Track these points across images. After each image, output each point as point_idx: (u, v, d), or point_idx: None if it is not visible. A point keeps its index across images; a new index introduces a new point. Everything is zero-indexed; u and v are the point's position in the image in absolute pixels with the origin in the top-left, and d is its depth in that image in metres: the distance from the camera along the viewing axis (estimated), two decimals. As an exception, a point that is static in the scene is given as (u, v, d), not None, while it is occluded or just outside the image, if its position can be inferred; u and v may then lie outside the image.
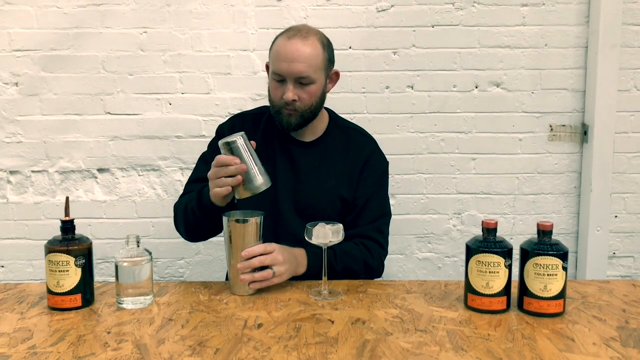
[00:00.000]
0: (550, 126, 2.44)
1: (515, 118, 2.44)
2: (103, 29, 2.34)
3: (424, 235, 2.49)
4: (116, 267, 1.32)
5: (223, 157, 1.39)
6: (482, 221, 1.32)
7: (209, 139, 1.71)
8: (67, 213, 1.35)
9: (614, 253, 2.50)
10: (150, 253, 1.35)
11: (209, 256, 2.47)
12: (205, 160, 1.68)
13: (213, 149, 1.65)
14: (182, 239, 2.45)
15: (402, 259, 2.50)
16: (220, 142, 1.41)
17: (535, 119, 2.44)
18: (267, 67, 1.65)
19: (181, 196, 1.73)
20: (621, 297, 1.41)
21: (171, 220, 2.48)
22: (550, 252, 1.26)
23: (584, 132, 2.42)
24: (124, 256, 1.31)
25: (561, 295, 1.27)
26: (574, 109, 2.44)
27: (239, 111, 2.36)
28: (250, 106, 2.35)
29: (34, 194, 2.42)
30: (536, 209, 2.48)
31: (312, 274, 1.49)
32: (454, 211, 2.48)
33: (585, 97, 2.42)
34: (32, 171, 2.40)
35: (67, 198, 1.37)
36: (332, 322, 1.24)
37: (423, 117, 2.43)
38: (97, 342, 1.14)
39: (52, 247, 1.31)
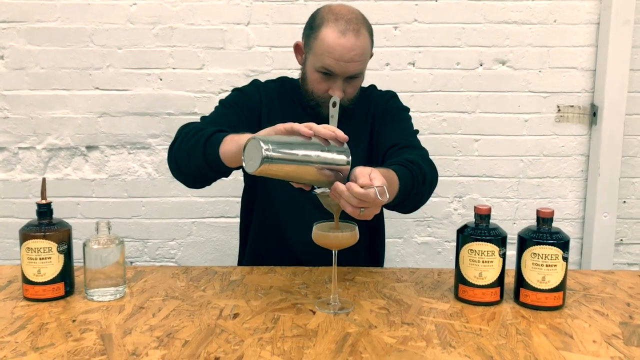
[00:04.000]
0: (558, 107, 2.33)
1: (521, 98, 2.33)
2: (91, 0, 2.24)
3: (423, 219, 2.41)
4: (84, 254, 1.23)
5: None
6: (475, 207, 1.24)
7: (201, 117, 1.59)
8: (43, 195, 1.26)
9: (622, 240, 2.41)
10: (122, 241, 1.25)
11: (201, 237, 2.40)
12: (226, 106, 1.51)
13: (230, 103, 1.52)
14: (174, 220, 2.41)
15: (400, 243, 2.42)
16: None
17: (542, 99, 2.33)
18: (298, 47, 1.50)
19: (190, 124, 1.41)
20: (626, 289, 1.32)
21: (163, 200, 2.44)
22: (550, 242, 1.17)
23: (593, 114, 2.31)
24: (93, 243, 1.23)
25: (560, 287, 1.18)
26: (583, 88, 2.32)
27: (233, 87, 2.27)
28: (244, 83, 2.25)
29: (21, 172, 2.35)
30: (541, 194, 2.39)
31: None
32: (455, 194, 2.39)
33: (595, 76, 2.31)
34: (20, 148, 2.33)
35: (44, 180, 1.28)
36: (314, 313, 1.16)
37: (424, 96, 2.32)
38: (60, 331, 1.07)
39: (30, 234, 1.21)
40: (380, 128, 1.52)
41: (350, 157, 1.07)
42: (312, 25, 1.41)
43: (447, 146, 2.36)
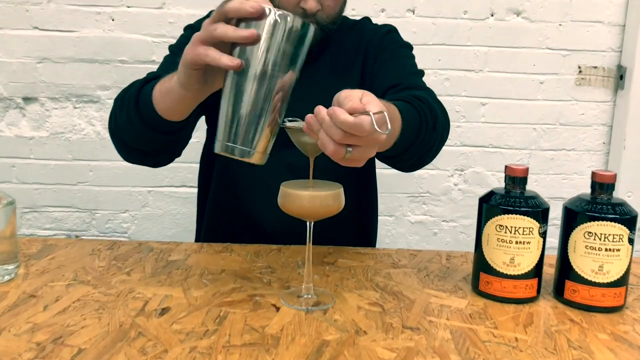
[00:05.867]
0: (579, 67, 2.00)
1: (537, 55, 1.99)
2: None
3: (418, 195, 2.07)
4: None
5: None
6: (506, 167, 0.90)
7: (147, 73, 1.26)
8: None
9: (645, 224, 2.09)
10: (12, 202, 0.90)
11: (159, 209, 2.05)
12: (175, 52, 1.20)
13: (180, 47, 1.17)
14: (127, 188, 2.05)
15: (391, 222, 2.08)
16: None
17: (562, 57, 1.99)
18: None
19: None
20: (696, 284, 0.99)
21: (114, 164, 2.07)
22: (610, 216, 0.84)
23: (620, 77, 1.98)
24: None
25: (623, 280, 0.85)
26: (609, 47, 1.99)
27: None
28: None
29: (-55, 126, 1.97)
30: (555, 168, 2.06)
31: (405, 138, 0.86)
32: (456, 167, 2.05)
33: (624, 32, 1.98)
34: (-58, 97, 1.95)
35: None
36: (277, 309, 0.82)
37: (425, 50, 1.97)
38: None
39: None
40: (375, 67, 1.18)
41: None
42: None
43: (449, 110, 1.97)
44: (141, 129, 0.93)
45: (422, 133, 0.91)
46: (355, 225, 1.26)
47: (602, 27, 1.98)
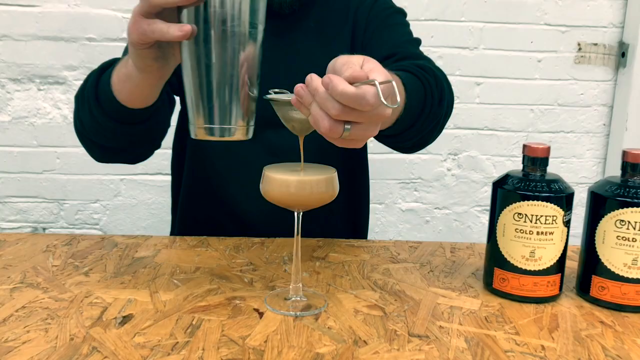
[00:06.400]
0: (579, 44, 1.89)
1: (534, 32, 1.88)
2: None
3: (409, 181, 1.95)
4: None
5: None
6: (524, 145, 0.79)
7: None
8: None
9: (645, 209, 2.00)
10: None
11: (132, 199, 1.91)
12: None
13: None
14: (97, 176, 1.91)
15: (380, 210, 1.97)
16: None
17: (560, 34, 1.88)
18: None
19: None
20: None
21: (83, 151, 1.90)
22: (646, 202, 0.72)
23: (622, 54, 1.88)
24: None
25: (659, 275, 0.74)
26: (610, 22, 1.88)
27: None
28: None
29: None
30: (553, 151, 1.93)
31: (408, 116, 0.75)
32: (449, 151, 1.94)
33: (626, 7, 1.87)
34: None
35: None
36: (261, 315, 0.69)
37: (417, 26, 1.80)
38: None
39: None
40: (367, 36, 1.05)
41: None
42: None
43: (442, 90, 1.90)
44: (108, 125, 0.82)
45: (427, 108, 0.79)
46: (347, 214, 1.14)
47: (603, 2, 1.87)
